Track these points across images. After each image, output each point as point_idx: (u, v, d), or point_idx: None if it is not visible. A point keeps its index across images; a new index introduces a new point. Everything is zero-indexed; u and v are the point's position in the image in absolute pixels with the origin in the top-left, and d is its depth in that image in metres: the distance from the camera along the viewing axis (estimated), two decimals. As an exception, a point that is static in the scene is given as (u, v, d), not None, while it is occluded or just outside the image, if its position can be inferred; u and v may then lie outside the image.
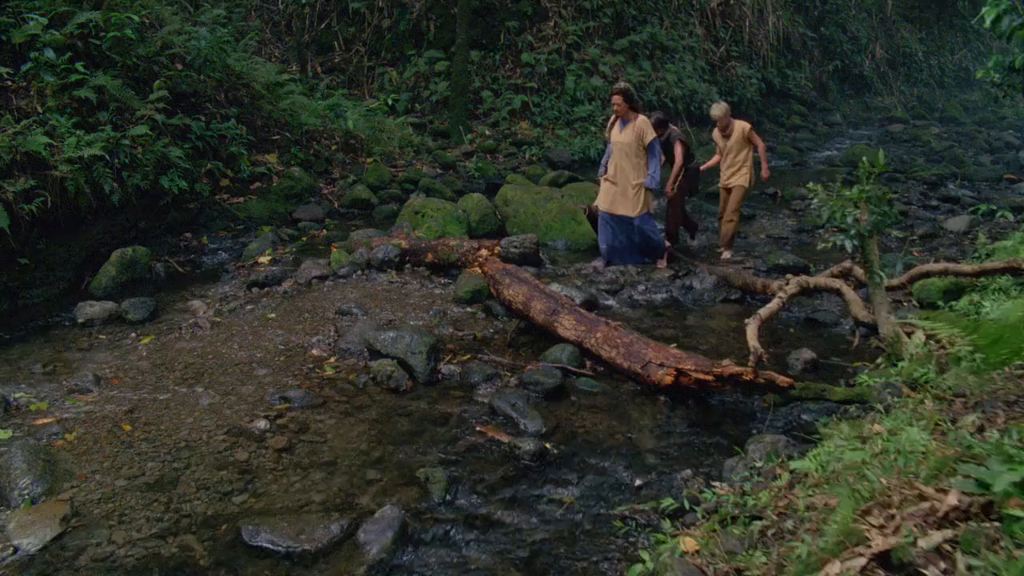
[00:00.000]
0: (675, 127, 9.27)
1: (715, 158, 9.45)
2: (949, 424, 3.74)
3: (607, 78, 15.97)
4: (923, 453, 3.05)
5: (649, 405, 5.53)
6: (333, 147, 12.55)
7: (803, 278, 6.28)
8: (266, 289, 7.64)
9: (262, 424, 5.01)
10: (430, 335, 5.98)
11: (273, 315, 6.94)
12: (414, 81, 15.84)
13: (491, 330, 6.68)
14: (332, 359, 6.06)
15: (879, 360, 5.78)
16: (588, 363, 6.06)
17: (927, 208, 11.88)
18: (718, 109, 9.08)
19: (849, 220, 5.34)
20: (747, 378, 5.06)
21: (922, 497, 2.69)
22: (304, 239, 9.45)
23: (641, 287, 7.95)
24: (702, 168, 9.60)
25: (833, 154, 17.39)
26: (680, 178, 9.05)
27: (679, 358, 5.55)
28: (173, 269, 8.50)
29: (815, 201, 5.56)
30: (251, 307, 7.19)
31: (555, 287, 7.23)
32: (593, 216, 9.45)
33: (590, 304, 7.15)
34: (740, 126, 8.99)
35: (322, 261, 8.21)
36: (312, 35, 17.34)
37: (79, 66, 8.58)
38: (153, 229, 9.10)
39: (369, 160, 12.64)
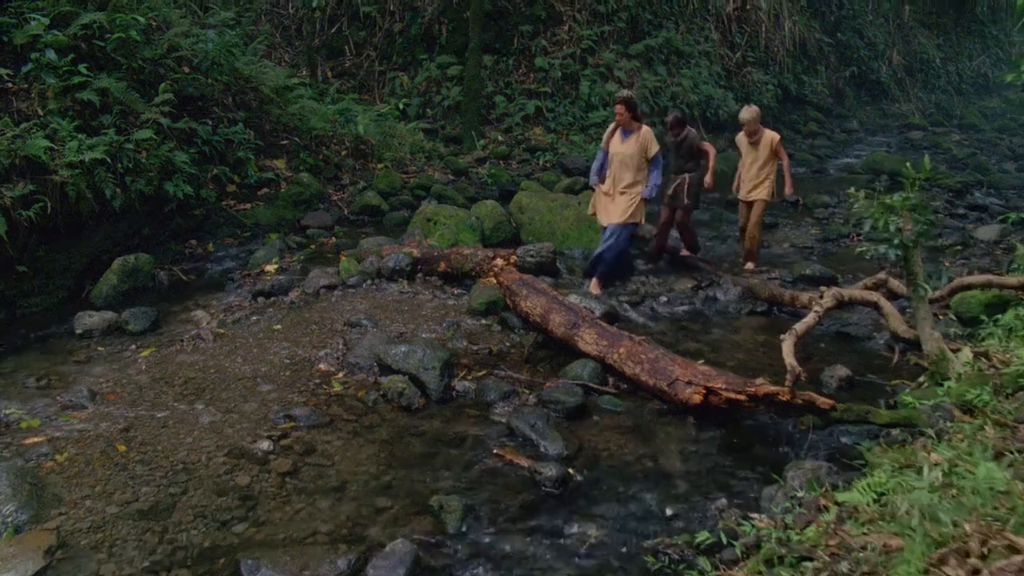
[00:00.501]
0: (692, 128, 8.74)
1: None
2: (1017, 455, 3.40)
3: (622, 83, 15.63)
4: (1004, 492, 2.71)
5: (676, 426, 5.20)
6: (343, 152, 12.26)
7: (838, 291, 5.94)
8: (272, 299, 7.34)
9: (265, 445, 4.70)
10: (443, 349, 5.67)
11: (279, 327, 6.64)
12: (425, 86, 15.56)
13: (507, 344, 6.36)
14: (340, 374, 5.75)
15: (921, 379, 5.43)
16: (611, 380, 5.73)
17: (954, 216, 11.51)
18: (748, 112, 8.40)
19: (892, 229, 5.00)
20: (784, 399, 4.72)
21: (1013, 548, 2.35)
22: (312, 247, 9.15)
23: (663, 298, 7.62)
24: (732, 187, 8.91)
25: (852, 161, 17.00)
26: (688, 187, 8.34)
27: (708, 375, 5.22)
28: (177, 277, 8.22)
29: (855, 207, 5.23)
30: (256, 318, 6.89)
31: (574, 298, 6.90)
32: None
33: (611, 316, 6.83)
34: (769, 136, 8.35)
35: (331, 270, 7.91)
36: (322, 39, 17.08)
37: (82, 68, 8.32)
38: (157, 236, 8.82)
39: (380, 166, 12.35)
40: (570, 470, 4.50)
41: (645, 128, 7.70)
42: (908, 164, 5.25)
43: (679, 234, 8.90)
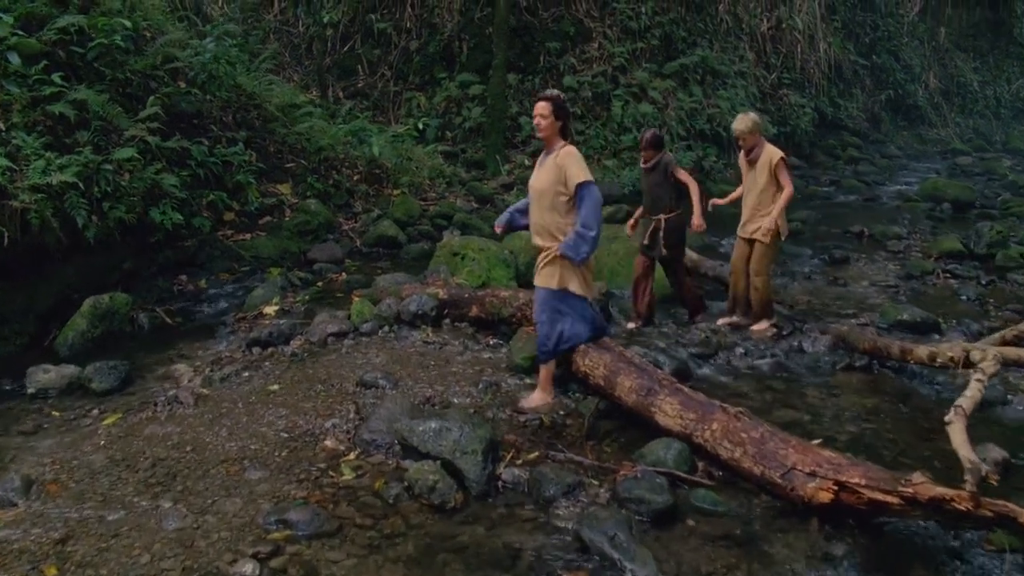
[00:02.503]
0: (670, 153, 6.76)
1: (737, 191, 7.02)
2: None
3: (657, 104, 14.49)
4: None
5: (796, 533, 3.89)
6: (355, 177, 11.09)
7: (998, 350, 4.65)
8: (270, 349, 6.09)
9: (249, 568, 3.42)
10: (485, 425, 4.38)
11: (276, 387, 5.38)
12: (445, 106, 14.42)
13: (561, 412, 5.06)
14: (352, 455, 4.48)
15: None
16: (699, 464, 4.43)
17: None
18: (743, 121, 6.41)
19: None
20: (962, 507, 3.42)
21: None
22: (319, 284, 7.92)
23: (740, 350, 6.33)
24: (721, 202, 7.10)
25: (904, 188, 15.75)
26: (665, 230, 6.55)
27: (837, 465, 3.93)
28: (160, 320, 7.00)
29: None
30: (249, 374, 5.64)
31: (636, 350, 5.63)
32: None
33: (682, 374, 5.55)
34: (769, 153, 6.38)
35: (340, 313, 6.66)
36: (334, 58, 16.04)
37: (56, 77, 7.19)
38: (140, 271, 7.63)
39: (396, 192, 11.17)
40: (673, 612, 3.20)
41: (568, 149, 4.97)
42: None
43: (677, 293, 7.07)
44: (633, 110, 14.22)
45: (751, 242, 6.60)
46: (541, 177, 5.02)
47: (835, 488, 3.84)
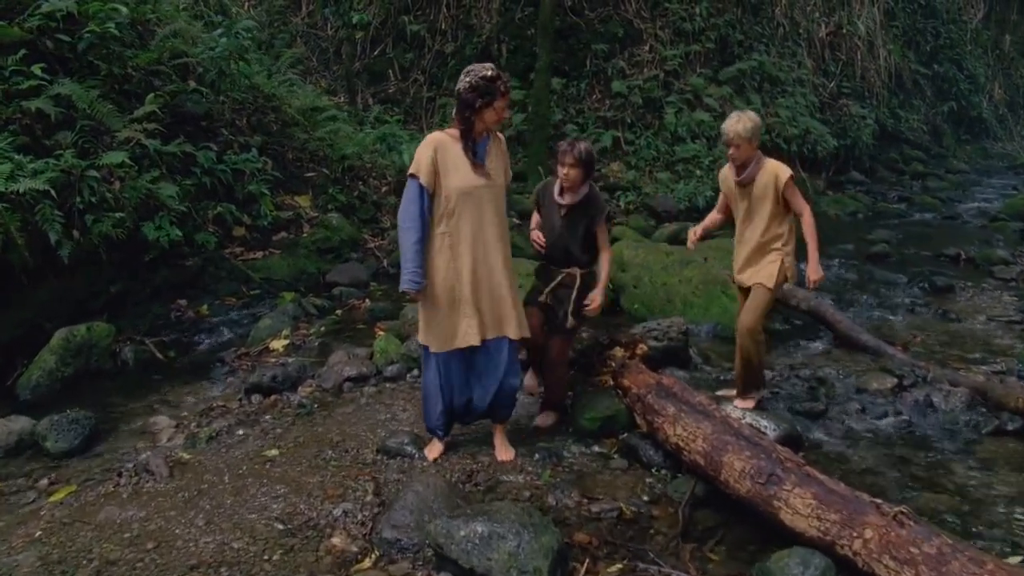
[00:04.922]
0: (599, 191, 4.59)
1: (711, 217, 5.09)
2: None
3: (713, 112, 13.23)
4: None
5: None
6: (383, 188, 9.98)
7: None
8: (272, 398, 4.97)
9: None
10: (549, 528, 3.17)
11: (275, 452, 4.22)
12: (482, 113, 13.31)
13: (644, 496, 3.84)
14: (367, 561, 3.29)
15: None
16: (847, 585, 3.20)
17: None
18: (741, 122, 4.44)
19: None
20: None
21: None
22: (338, 313, 6.79)
23: (855, 405, 5.07)
24: (700, 231, 5.00)
25: (984, 206, 14.33)
26: (579, 288, 4.46)
27: (1067, 607, 2.68)
28: (149, 354, 5.90)
29: None
30: (243, 433, 4.50)
31: (732, 410, 4.42)
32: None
33: (793, 442, 4.32)
34: (773, 171, 4.49)
35: (361, 351, 5.52)
36: (364, 62, 15.02)
37: (36, 69, 6.17)
38: (131, 294, 6.55)
39: (428, 206, 10.03)
40: None
41: (498, 133, 4.07)
42: None
43: (542, 375, 4.84)
44: (688, 118, 12.98)
45: (746, 290, 4.76)
46: (490, 173, 3.89)
47: (1070, 645, 2.60)
